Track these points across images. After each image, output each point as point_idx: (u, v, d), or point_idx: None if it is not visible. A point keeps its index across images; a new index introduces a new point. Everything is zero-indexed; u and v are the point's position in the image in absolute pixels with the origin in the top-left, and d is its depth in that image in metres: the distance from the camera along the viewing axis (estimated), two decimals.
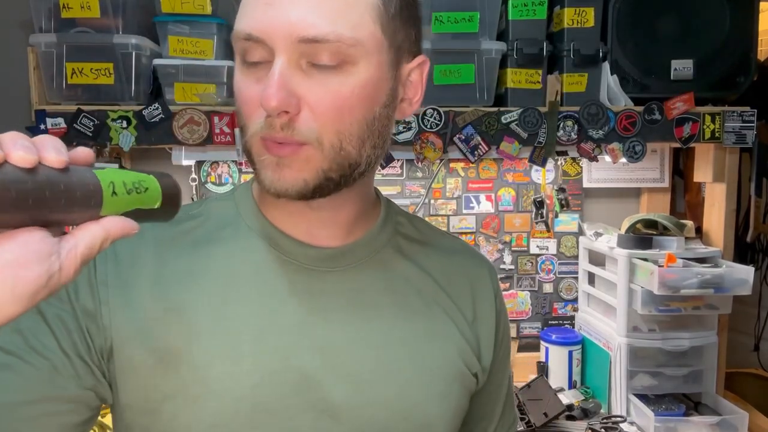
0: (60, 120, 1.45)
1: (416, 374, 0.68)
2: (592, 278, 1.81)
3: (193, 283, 0.65)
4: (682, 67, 1.57)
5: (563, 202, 1.90)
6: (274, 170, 0.61)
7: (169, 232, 0.68)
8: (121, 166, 1.57)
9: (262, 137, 0.60)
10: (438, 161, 1.83)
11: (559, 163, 1.89)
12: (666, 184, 1.91)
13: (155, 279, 0.65)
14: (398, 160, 1.83)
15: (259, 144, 0.61)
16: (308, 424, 0.64)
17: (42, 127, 1.44)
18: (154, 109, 1.45)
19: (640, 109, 1.57)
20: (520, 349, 1.91)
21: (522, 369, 1.83)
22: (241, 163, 1.79)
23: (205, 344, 0.63)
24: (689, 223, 1.69)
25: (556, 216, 1.91)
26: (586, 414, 1.60)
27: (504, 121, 1.54)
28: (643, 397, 1.59)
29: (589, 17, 1.55)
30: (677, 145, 1.61)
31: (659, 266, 1.48)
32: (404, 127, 1.52)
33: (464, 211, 1.89)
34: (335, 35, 0.58)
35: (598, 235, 1.77)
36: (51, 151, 0.43)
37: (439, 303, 0.73)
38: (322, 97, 0.59)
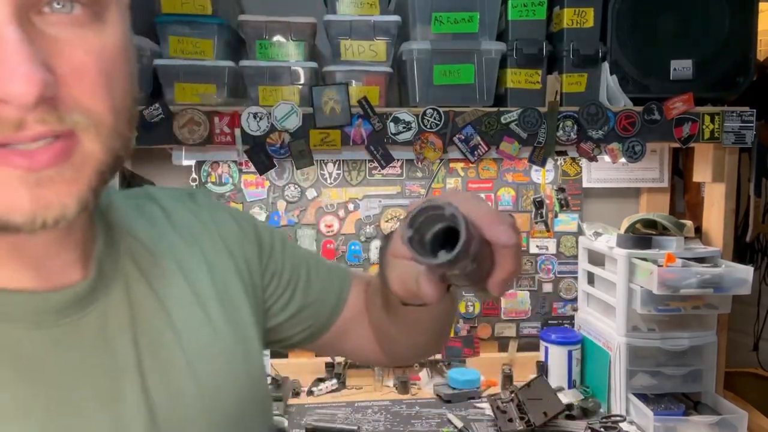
0: None
1: (242, 374, 0.60)
2: (591, 278, 1.81)
3: None
4: (681, 68, 1.57)
5: (563, 202, 1.90)
6: (30, 195, 0.40)
7: None
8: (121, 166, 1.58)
9: None
10: (438, 161, 1.83)
11: (558, 163, 1.89)
12: (665, 184, 1.91)
13: None
14: (398, 160, 1.83)
15: None
16: None
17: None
18: (154, 110, 1.45)
19: (639, 109, 1.57)
20: (520, 348, 1.91)
21: (522, 368, 1.83)
22: (241, 164, 1.79)
23: None
24: (689, 222, 1.69)
25: (556, 216, 1.91)
26: (585, 413, 1.60)
27: (504, 121, 1.54)
28: (642, 397, 1.59)
29: (588, 17, 1.55)
30: (677, 145, 1.62)
31: (659, 266, 1.49)
32: (404, 127, 1.52)
33: None
34: None
35: (597, 234, 1.77)
36: None
37: (216, 266, 0.63)
38: (84, 60, 0.41)
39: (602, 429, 1.53)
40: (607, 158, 1.60)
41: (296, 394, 1.73)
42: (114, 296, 0.51)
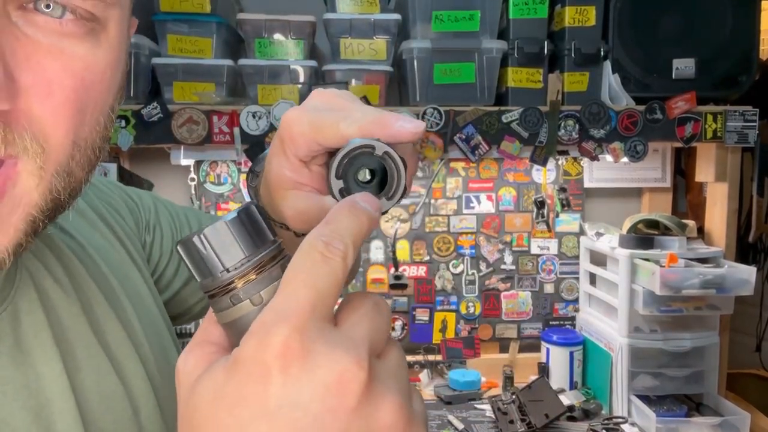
0: None
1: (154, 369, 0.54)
2: (593, 278, 1.80)
3: None
4: (683, 66, 1.56)
5: (564, 201, 1.89)
6: None
7: None
8: (120, 166, 1.57)
9: None
10: (438, 161, 1.82)
11: (560, 162, 1.88)
12: (668, 183, 1.90)
13: None
14: None
15: None
16: None
17: None
18: (152, 109, 1.44)
19: (641, 108, 1.56)
20: (521, 350, 1.90)
21: (523, 370, 1.82)
22: (240, 163, 1.78)
23: None
24: (691, 223, 1.68)
25: (557, 216, 1.90)
26: (587, 415, 1.59)
27: (505, 121, 1.53)
28: (644, 398, 1.58)
29: (590, 16, 1.54)
30: (679, 144, 1.61)
31: (661, 266, 1.48)
32: None
33: (465, 211, 1.88)
34: None
35: (599, 235, 1.76)
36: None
37: (113, 260, 0.57)
38: (60, 75, 0.35)
39: (604, 431, 1.52)
40: (608, 158, 1.59)
41: None
42: (22, 293, 0.44)
